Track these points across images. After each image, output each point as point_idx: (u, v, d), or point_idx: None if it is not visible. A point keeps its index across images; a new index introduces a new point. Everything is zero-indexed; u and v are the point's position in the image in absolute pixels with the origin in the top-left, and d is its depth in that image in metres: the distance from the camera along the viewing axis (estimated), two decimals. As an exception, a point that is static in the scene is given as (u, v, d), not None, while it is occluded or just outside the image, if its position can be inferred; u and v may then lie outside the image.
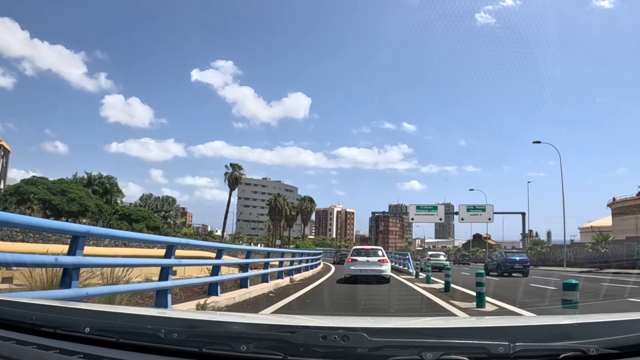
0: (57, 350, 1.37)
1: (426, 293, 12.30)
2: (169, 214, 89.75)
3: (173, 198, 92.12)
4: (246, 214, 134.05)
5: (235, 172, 69.99)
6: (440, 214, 56.32)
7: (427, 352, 1.24)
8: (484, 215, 56.52)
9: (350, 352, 1.27)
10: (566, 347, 1.27)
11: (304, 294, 11.53)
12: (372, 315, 7.33)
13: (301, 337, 1.29)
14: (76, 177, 75.52)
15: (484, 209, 56.63)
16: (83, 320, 1.52)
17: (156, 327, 1.42)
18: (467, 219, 56.45)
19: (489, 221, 56.83)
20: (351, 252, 17.69)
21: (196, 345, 1.35)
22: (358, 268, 15.67)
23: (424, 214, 55.65)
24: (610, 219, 53.70)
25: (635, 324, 1.45)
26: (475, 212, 56.37)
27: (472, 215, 56.36)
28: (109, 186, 78.12)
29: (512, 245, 63.22)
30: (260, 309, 8.35)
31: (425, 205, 56.28)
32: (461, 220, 56.20)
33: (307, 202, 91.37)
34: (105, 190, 76.79)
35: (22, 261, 4.38)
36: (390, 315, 8.02)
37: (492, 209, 56.62)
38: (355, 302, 10.19)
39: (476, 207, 56.77)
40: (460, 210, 56.25)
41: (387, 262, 16.33)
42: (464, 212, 56.24)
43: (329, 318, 2.25)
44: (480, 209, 56.55)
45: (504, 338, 1.27)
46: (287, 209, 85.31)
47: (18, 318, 1.58)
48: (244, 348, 1.30)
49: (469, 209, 56.46)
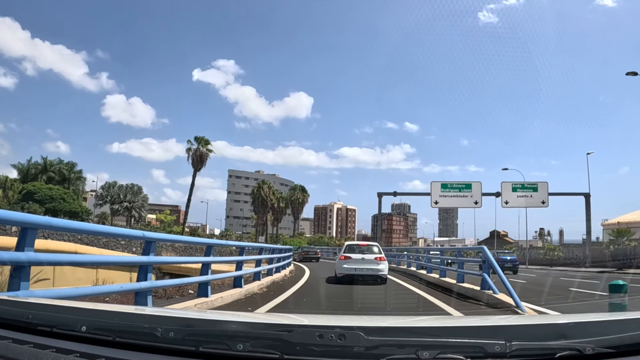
0: (53, 349, 1.35)
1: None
2: (133, 205, 72.75)
3: (139, 187, 75.12)
4: (236, 210, 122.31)
5: (201, 148, 52.47)
6: (475, 195, 38.26)
7: (423, 351, 1.22)
8: (536, 197, 38.71)
9: (346, 350, 1.26)
10: (562, 346, 1.26)
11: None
12: (368, 314, 7.21)
13: (298, 336, 1.28)
14: (30, 161, 69.05)
15: (535, 187, 38.87)
16: (80, 319, 1.49)
17: (153, 326, 1.41)
18: (513, 203, 38.68)
19: (542, 205, 39.01)
20: (344, 248, 15.27)
21: (193, 344, 1.33)
22: (352, 266, 13.83)
23: (452, 195, 37.88)
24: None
25: (630, 323, 1.44)
26: (524, 193, 38.63)
27: (521, 197, 38.59)
28: (67, 173, 69.36)
29: (529, 244, 48.16)
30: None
31: (454, 183, 38.36)
32: (505, 204, 38.45)
33: (299, 192, 73.83)
34: (63, 177, 68.47)
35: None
36: (387, 314, 7.61)
37: (546, 189, 38.87)
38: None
39: (525, 185, 39.04)
40: (503, 189, 38.45)
41: (384, 260, 14.22)
42: (509, 192, 38.47)
43: (326, 317, 2.17)
44: (530, 188, 38.82)
45: (501, 337, 1.26)
46: (272, 198, 67.86)
47: (14, 317, 1.56)
48: (240, 347, 1.29)
49: (516, 187, 38.71)
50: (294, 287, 12.39)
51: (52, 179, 66.96)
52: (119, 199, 72.86)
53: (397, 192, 38.12)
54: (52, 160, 71.93)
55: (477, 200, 38.08)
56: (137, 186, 74.28)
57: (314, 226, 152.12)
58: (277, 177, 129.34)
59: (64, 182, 70.17)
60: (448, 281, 12.70)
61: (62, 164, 72.53)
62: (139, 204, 72.95)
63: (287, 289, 11.59)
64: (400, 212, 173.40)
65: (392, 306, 9.49)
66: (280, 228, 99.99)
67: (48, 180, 66.59)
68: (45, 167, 69.11)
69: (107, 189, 74.68)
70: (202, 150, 52.38)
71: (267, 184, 70.51)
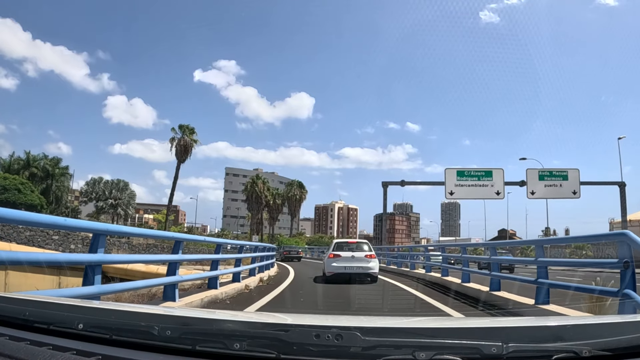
0: (50, 347, 1.34)
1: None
2: (119, 202, 67.14)
3: (126, 182, 69.58)
4: (234, 209, 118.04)
5: (186, 138, 46.79)
6: (497, 185, 32.28)
7: (420, 352, 1.22)
8: (566, 187, 32.93)
9: (343, 350, 1.25)
10: (559, 349, 1.25)
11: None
12: (366, 314, 6.84)
13: (295, 336, 1.27)
14: (13, 156, 64.88)
15: (565, 175, 33.05)
16: (76, 316, 1.48)
17: (150, 324, 1.39)
18: (540, 193, 32.89)
19: (573, 196, 33.21)
20: (332, 246, 14.29)
21: (189, 342, 1.32)
22: (342, 265, 13.01)
23: (470, 185, 32.00)
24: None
25: (626, 326, 1.43)
26: (552, 181, 32.87)
27: (549, 186, 32.81)
28: (51, 169, 65.32)
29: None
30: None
31: (472, 170, 32.33)
32: (531, 194, 32.60)
33: (296, 188, 68.14)
34: (47, 173, 64.76)
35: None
36: (384, 314, 7.21)
37: (577, 177, 33.10)
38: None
39: (554, 172, 33.26)
40: (529, 177, 32.64)
41: (374, 257, 13.53)
42: (535, 180, 32.67)
43: (323, 317, 2.07)
44: (559, 176, 33.02)
45: (497, 339, 1.24)
46: (267, 195, 62.11)
47: (11, 314, 1.55)
48: (237, 346, 1.28)
49: (543, 175, 32.92)
50: (276, 290, 10.82)
51: (35, 174, 64.66)
52: (104, 195, 67.41)
53: (405, 181, 32.35)
54: (35, 156, 68.21)
55: (499, 190, 32.21)
56: (124, 182, 68.94)
57: (314, 226, 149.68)
58: (276, 175, 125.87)
59: (48, 179, 67.21)
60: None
61: (46, 159, 68.72)
62: (126, 200, 67.36)
63: (269, 292, 10.12)
64: (403, 212, 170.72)
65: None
66: (279, 228, 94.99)
67: (30, 176, 64.61)
68: (28, 163, 65.73)
69: (92, 186, 69.25)
70: (186, 139, 46.74)
71: (262, 179, 64.79)
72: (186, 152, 46.36)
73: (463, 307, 7.78)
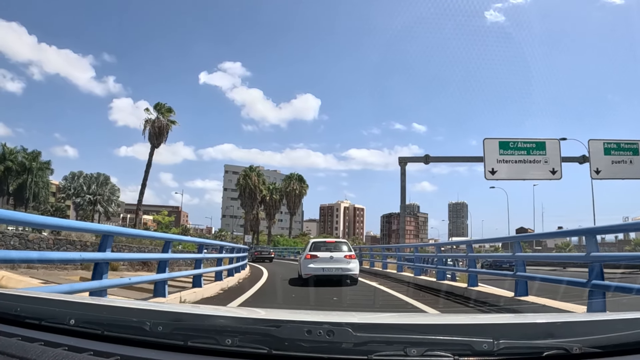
0: (41, 342, 1.33)
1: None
2: (99, 199, 59.58)
3: (106, 176, 61.84)
4: (233, 209, 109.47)
5: (162, 118, 39.06)
6: (552, 161, 24.07)
7: (411, 348, 1.21)
8: (637, 164, 24.79)
9: (335, 346, 1.24)
10: (549, 345, 1.25)
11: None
12: (358, 310, 7.05)
13: (286, 332, 1.27)
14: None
15: (635, 148, 24.90)
16: (68, 312, 1.47)
17: (141, 319, 1.38)
18: (607, 172, 24.52)
19: (647, 176, 24.98)
20: (309, 246, 13.20)
21: (181, 338, 1.32)
22: (320, 266, 12.19)
23: (517, 160, 23.75)
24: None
25: (617, 324, 1.41)
26: (620, 156, 24.69)
27: (616, 163, 24.65)
28: (28, 163, 60.35)
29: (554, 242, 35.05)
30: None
31: (519, 141, 24.12)
32: (597, 173, 24.38)
33: (295, 182, 60.15)
34: (24, 168, 59.96)
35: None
36: (376, 311, 7.53)
37: (651, 151, 24.83)
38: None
39: (622, 145, 25.05)
40: (592, 150, 24.38)
41: (354, 257, 12.61)
42: (600, 155, 24.42)
43: (315, 313, 2.13)
44: (628, 149, 24.87)
45: (488, 335, 1.24)
46: (262, 189, 54.23)
47: (2, 309, 1.54)
48: (229, 342, 1.27)
49: (610, 148, 24.69)
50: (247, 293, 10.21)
51: (10, 169, 59.08)
52: (84, 191, 60.04)
53: (430, 156, 24.24)
54: (12, 148, 62.79)
55: (556, 167, 24.06)
56: (104, 176, 61.45)
57: (320, 227, 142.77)
58: (278, 173, 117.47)
59: (24, 173, 61.00)
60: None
61: (24, 152, 62.42)
62: (106, 196, 59.79)
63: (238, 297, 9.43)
64: (411, 212, 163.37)
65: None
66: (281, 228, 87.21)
67: (6, 170, 58.88)
68: (4, 156, 59.97)
69: (70, 180, 61.91)
70: (162, 120, 38.95)
71: (256, 171, 56.96)
72: (161, 134, 38.62)
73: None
